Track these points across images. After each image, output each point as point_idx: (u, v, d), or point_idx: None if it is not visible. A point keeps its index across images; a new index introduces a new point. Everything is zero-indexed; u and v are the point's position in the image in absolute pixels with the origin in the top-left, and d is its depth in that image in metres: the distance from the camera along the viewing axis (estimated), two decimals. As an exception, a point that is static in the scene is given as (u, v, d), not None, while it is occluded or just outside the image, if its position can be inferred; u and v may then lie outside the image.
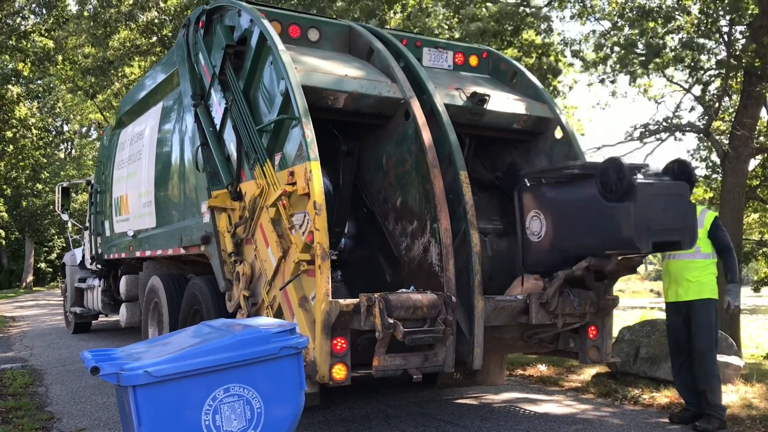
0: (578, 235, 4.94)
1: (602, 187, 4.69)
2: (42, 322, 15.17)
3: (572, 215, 4.98)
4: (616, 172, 4.65)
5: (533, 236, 5.24)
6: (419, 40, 6.49)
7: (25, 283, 33.97)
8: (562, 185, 5.15)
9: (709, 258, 5.53)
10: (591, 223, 4.82)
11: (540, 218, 5.19)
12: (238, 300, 5.25)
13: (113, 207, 9.36)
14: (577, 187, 4.99)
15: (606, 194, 4.68)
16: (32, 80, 25.15)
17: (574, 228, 4.97)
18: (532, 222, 5.24)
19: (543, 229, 5.17)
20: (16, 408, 6.13)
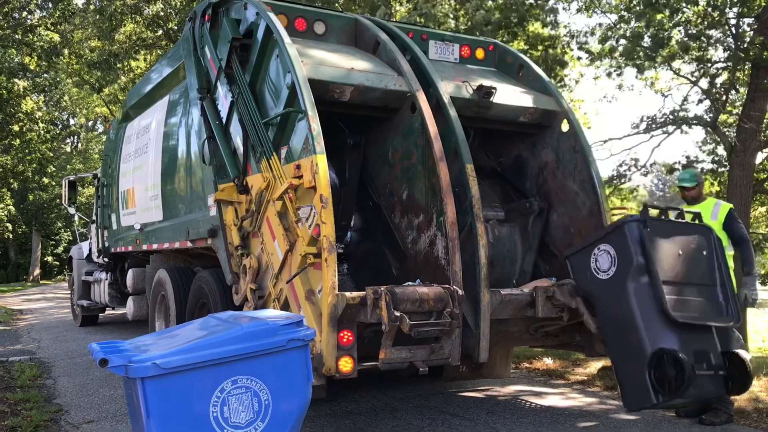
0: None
1: (656, 382, 4.54)
2: (49, 315, 15.25)
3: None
4: (672, 364, 4.48)
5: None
6: (425, 33, 6.47)
7: (32, 276, 34.12)
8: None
9: (725, 250, 5.48)
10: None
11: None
12: (245, 293, 5.26)
13: (120, 200, 9.38)
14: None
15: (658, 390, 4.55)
16: (38, 74, 25.16)
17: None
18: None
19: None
20: (24, 400, 6.17)
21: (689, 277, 4.85)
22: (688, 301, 4.80)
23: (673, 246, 4.80)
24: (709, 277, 4.96)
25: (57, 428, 5.37)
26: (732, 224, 5.55)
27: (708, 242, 5.02)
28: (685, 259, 4.86)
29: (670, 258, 4.76)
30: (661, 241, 4.71)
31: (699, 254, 4.94)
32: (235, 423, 3.15)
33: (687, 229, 5.02)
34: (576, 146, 5.85)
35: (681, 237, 4.91)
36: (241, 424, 3.17)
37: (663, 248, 4.70)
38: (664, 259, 4.69)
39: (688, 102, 14.68)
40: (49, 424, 5.46)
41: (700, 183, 5.88)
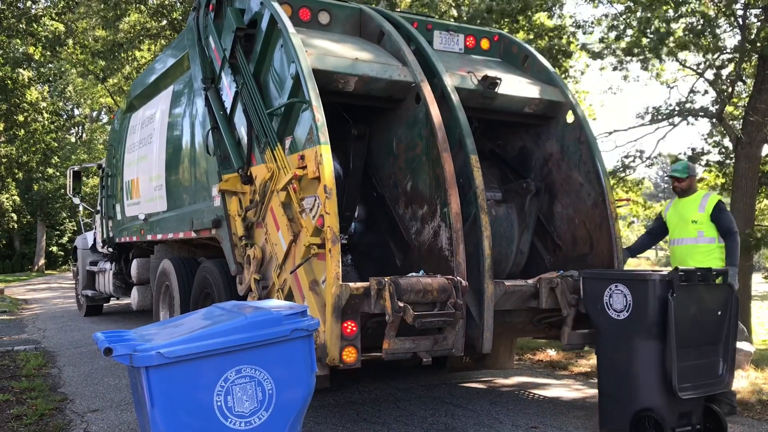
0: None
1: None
2: (54, 305, 15.31)
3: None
4: (653, 427, 4.49)
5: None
6: (430, 23, 6.44)
7: (37, 266, 34.24)
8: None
9: (714, 242, 5.52)
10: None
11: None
12: (248, 283, 5.27)
13: (124, 190, 9.40)
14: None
15: None
16: (43, 64, 25.16)
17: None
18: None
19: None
20: (30, 389, 6.21)
21: (700, 339, 4.68)
22: (692, 366, 4.63)
23: (693, 310, 4.63)
24: (716, 335, 4.76)
25: (62, 417, 5.40)
26: (719, 215, 5.50)
27: (726, 302, 4.80)
28: (700, 322, 4.68)
29: (687, 323, 4.59)
30: (683, 306, 4.53)
31: (714, 315, 4.75)
32: (239, 412, 3.16)
33: (710, 291, 4.78)
34: (581, 138, 5.83)
35: (702, 300, 4.71)
36: (245, 413, 3.18)
37: (683, 313, 4.53)
38: (681, 324, 4.52)
39: (694, 93, 14.62)
40: (54, 413, 5.49)
41: (692, 176, 5.79)
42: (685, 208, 5.70)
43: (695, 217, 5.60)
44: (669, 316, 4.44)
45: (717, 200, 5.60)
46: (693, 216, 5.60)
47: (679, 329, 4.48)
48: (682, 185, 5.76)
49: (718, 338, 4.76)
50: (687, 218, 5.63)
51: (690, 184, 5.76)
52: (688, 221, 5.61)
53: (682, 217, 5.69)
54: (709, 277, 4.79)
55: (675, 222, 5.79)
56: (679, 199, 5.80)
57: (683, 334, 4.53)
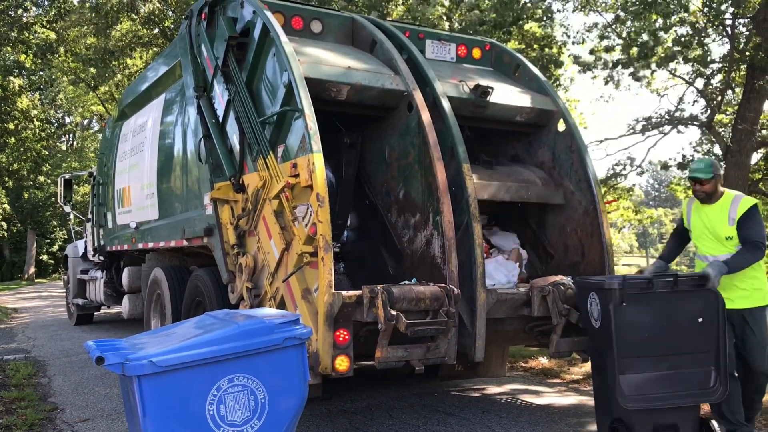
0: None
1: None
2: (44, 314, 15.21)
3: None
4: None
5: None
6: (422, 33, 6.47)
7: (27, 274, 34.03)
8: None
9: None
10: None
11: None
12: (241, 292, 5.26)
13: (116, 199, 9.37)
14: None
15: None
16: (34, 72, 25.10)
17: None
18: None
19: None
20: (19, 399, 6.17)
21: (671, 348, 4.43)
22: (662, 377, 4.42)
23: (656, 318, 4.39)
24: (699, 343, 4.44)
25: (52, 427, 5.36)
26: (745, 222, 4.66)
27: (710, 308, 4.43)
28: (670, 331, 4.42)
29: (650, 330, 4.39)
30: (639, 314, 4.35)
31: (692, 323, 4.42)
32: (231, 421, 3.15)
33: (684, 298, 4.45)
34: (572, 146, 5.86)
35: (672, 307, 4.44)
36: (238, 422, 3.17)
37: (639, 322, 4.35)
38: (636, 333, 4.35)
39: (683, 102, 14.74)
40: (44, 423, 5.45)
41: (717, 176, 4.81)
42: (712, 219, 4.82)
43: (728, 232, 4.73)
44: (610, 326, 4.30)
45: (749, 206, 4.70)
46: (724, 231, 4.74)
47: (633, 338, 4.33)
48: (705, 189, 4.82)
49: (702, 347, 4.45)
50: (718, 234, 4.77)
51: (715, 187, 4.81)
52: (721, 238, 4.75)
53: (711, 230, 4.82)
54: (683, 282, 4.49)
55: (701, 233, 4.93)
56: (702, 204, 4.90)
57: (641, 343, 4.37)
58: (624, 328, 4.36)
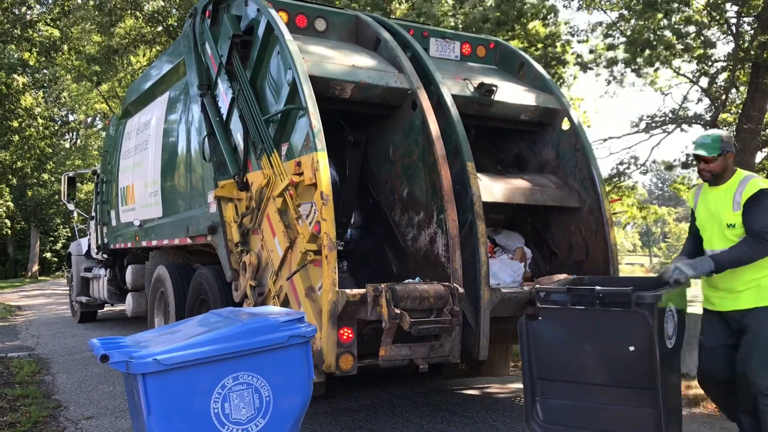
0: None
1: None
2: (48, 312, 15.24)
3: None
4: None
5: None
6: (426, 31, 6.46)
7: (30, 272, 34.09)
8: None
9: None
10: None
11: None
12: (244, 290, 5.26)
13: (119, 197, 9.37)
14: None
15: None
16: (38, 70, 25.14)
17: None
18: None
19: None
20: (23, 396, 6.18)
21: (602, 377, 3.82)
22: (591, 410, 3.86)
23: (577, 337, 3.85)
24: (637, 377, 3.72)
25: (56, 424, 5.37)
26: (751, 209, 3.91)
27: (638, 333, 3.68)
28: (597, 357, 3.83)
29: (572, 353, 3.85)
30: (557, 330, 3.89)
31: (621, 350, 3.72)
32: (236, 419, 3.15)
33: (601, 318, 3.77)
34: (576, 144, 5.85)
35: (591, 327, 3.82)
36: (242, 420, 3.17)
37: (558, 339, 3.89)
38: (560, 353, 3.87)
39: (687, 101, 14.72)
40: (48, 420, 5.46)
41: (727, 153, 4.05)
42: (717, 204, 4.07)
43: (731, 218, 3.98)
44: (523, 341, 3.91)
45: (758, 189, 3.91)
46: (727, 217, 4.00)
47: (552, 360, 3.85)
48: (711, 168, 4.06)
49: (637, 381, 3.72)
50: (721, 219, 4.03)
51: (724, 166, 4.06)
52: (723, 225, 4.02)
53: (714, 216, 4.08)
54: (607, 297, 3.76)
55: (705, 221, 4.19)
56: (710, 188, 4.17)
57: (562, 366, 3.86)
58: (540, 346, 3.90)
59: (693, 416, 5.56)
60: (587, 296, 3.80)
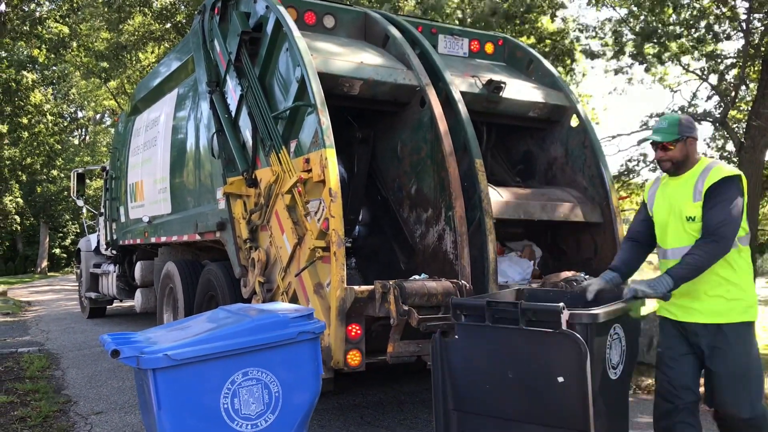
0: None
1: None
2: (57, 307, 15.32)
3: None
4: None
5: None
6: (435, 27, 6.46)
7: (39, 268, 34.28)
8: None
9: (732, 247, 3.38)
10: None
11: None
12: (253, 286, 5.28)
13: (128, 193, 9.41)
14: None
15: None
16: (47, 66, 25.25)
17: None
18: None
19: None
20: (33, 391, 6.22)
21: (527, 413, 3.12)
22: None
23: (499, 363, 3.18)
24: (568, 416, 3.01)
25: (66, 419, 5.40)
26: (711, 200, 3.35)
27: (568, 361, 2.97)
28: (522, 387, 3.12)
29: (493, 381, 3.19)
30: (476, 353, 3.25)
31: (549, 381, 3.02)
32: (245, 414, 3.17)
33: (526, 339, 3.10)
34: (585, 142, 5.84)
35: (514, 350, 3.15)
36: (252, 415, 3.18)
37: (477, 364, 3.26)
38: (480, 381, 3.24)
39: (697, 98, 14.65)
40: (58, 415, 5.50)
41: (687, 139, 3.51)
42: (678, 194, 3.53)
43: (690, 210, 3.43)
44: (436, 364, 3.36)
45: (721, 176, 3.36)
46: (687, 209, 3.44)
47: (471, 388, 3.25)
48: (671, 155, 3.53)
49: (568, 420, 3.01)
50: (680, 212, 3.48)
51: (685, 152, 3.52)
52: (682, 218, 3.46)
53: (674, 209, 3.53)
54: (541, 314, 3.08)
55: (664, 216, 3.60)
56: (670, 179, 3.63)
57: (482, 397, 3.24)
58: (457, 371, 3.28)
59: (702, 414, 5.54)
60: (509, 312, 3.12)
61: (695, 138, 3.57)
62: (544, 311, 3.05)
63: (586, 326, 3.01)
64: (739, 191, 3.38)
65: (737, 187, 3.39)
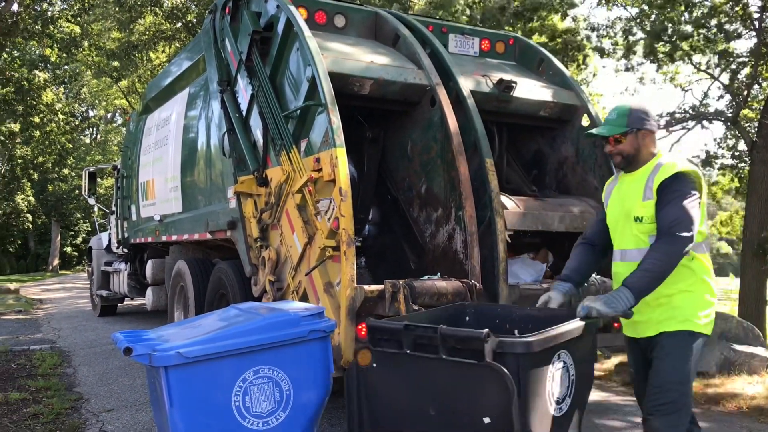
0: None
1: None
2: (68, 305, 15.42)
3: None
4: None
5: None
6: (445, 27, 6.45)
7: (51, 266, 34.52)
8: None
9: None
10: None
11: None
12: (263, 284, 5.30)
13: (140, 192, 9.46)
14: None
15: None
16: (59, 66, 25.40)
17: None
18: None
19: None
20: (45, 388, 6.27)
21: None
22: None
23: (419, 397, 2.76)
24: None
25: (78, 416, 5.44)
26: (664, 198, 3.04)
27: (498, 397, 2.52)
28: (445, 425, 2.71)
29: (413, 417, 2.78)
30: (394, 385, 2.85)
31: (474, 420, 2.60)
32: (256, 412, 3.18)
33: (448, 371, 2.68)
34: (596, 141, 5.81)
35: (434, 383, 2.72)
36: (263, 413, 3.20)
37: (396, 397, 2.84)
38: (399, 416, 2.83)
39: (708, 97, 14.56)
40: (69, 412, 5.54)
41: (638, 131, 3.21)
42: (629, 192, 3.27)
43: (638, 210, 3.16)
44: (351, 396, 2.97)
45: (673, 171, 3.06)
46: (635, 208, 3.18)
47: (391, 424, 2.82)
48: (620, 149, 3.26)
49: None
50: (628, 212, 3.23)
51: (635, 146, 3.23)
52: (630, 218, 3.21)
53: (624, 208, 3.28)
54: (464, 342, 2.62)
55: (616, 216, 3.35)
56: (625, 175, 3.36)
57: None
58: (375, 404, 2.87)
59: (713, 415, 5.53)
60: (429, 338, 2.66)
61: (650, 130, 3.24)
62: (466, 338, 2.59)
63: (518, 357, 2.52)
64: (694, 188, 3.06)
65: (692, 183, 3.06)
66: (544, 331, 2.70)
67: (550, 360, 2.74)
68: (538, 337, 2.62)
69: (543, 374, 2.68)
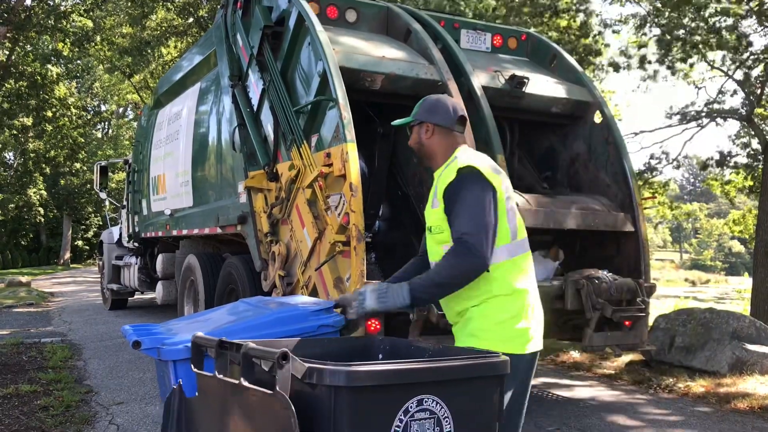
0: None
1: None
2: (79, 298, 15.51)
3: None
4: None
5: None
6: (457, 22, 6.42)
7: (62, 260, 34.77)
8: None
9: None
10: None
11: None
12: (273, 279, 5.29)
13: (150, 186, 9.49)
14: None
15: None
16: (71, 60, 25.52)
17: None
18: None
19: None
20: (56, 381, 6.29)
21: None
22: None
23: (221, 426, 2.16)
24: None
25: (88, 409, 5.46)
26: (450, 203, 2.60)
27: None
28: None
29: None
30: (211, 416, 2.26)
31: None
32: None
33: (253, 400, 1.98)
34: (609, 138, 5.78)
35: (239, 414, 2.06)
36: (271, 408, 3.18)
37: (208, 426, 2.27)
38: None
39: (723, 94, 14.42)
40: (79, 405, 5.56)
41: (423, 124, 2.77)
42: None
43: (429, 219, 2.79)
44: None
45: (454, 174, 2.59)
46: (427, 217, 2.81)
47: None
48: (411, 143, 2.86)
49: None
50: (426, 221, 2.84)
51: (418, 141, 2.83)
52: (427, 228, 2.82)
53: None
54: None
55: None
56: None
57: None
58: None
59: (724, 414, 5.48)
60: (231, 357, 2.16)
61: (437, 124, 2.74)
62: (263, 357, 1.97)
63: (332, 390, 1.76)
64: (477, 186, 2.57)
65: (474, 182, 2.58)
66: (399, 361, 1.99)
67: (400, 405, 1.86)
68: (378, 367, 1.84)
69: (381, 425, 1.82)
